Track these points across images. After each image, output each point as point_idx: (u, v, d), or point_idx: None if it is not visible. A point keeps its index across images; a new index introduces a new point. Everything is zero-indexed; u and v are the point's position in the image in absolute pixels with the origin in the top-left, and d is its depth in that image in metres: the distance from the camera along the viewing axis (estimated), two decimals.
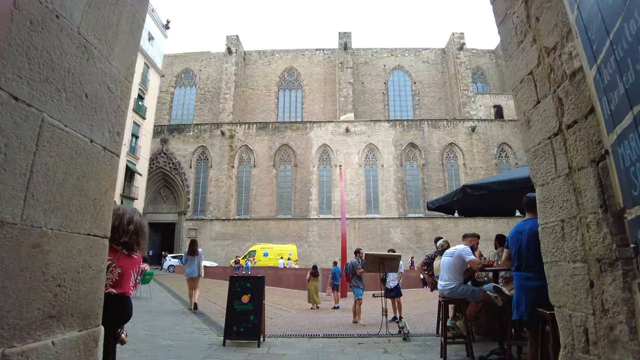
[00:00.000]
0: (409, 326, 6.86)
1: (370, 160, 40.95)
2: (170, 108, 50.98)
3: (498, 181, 5.70)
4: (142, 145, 33.47)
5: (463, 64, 47.02)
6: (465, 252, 5.16)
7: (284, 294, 22.41)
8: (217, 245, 38.68)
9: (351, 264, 9.47)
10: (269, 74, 50.76)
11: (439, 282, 5.42)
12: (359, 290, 9.26)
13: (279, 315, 11.06)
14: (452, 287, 5.11)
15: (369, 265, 7.13)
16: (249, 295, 6.15)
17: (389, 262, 7.21)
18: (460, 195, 5.87)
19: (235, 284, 6.28)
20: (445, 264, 5.30)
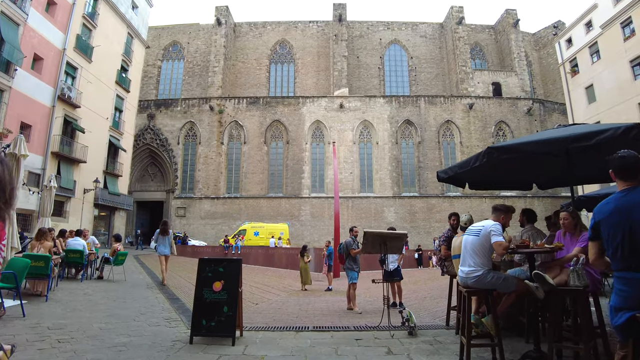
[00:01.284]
0: (408, 311, 5.80)
1: (364, 138, 39.66)
2: (158, 82, 48.99)
3: (533, 141, 4.53)
4: (126, 120, 31.87)
5: (462, 39, 45.42)
6: (495, 230, 4.03)
7: (275, 274, 21.48)
8: (207, 225, 37.56)
9: (345, 243, 8.35)
10: (260, 47, 48.74)
11: (460, 267, 4.31)
12: (353, 273, 8.17)
13: (265, 300, 10.01)
14: (479, 274, 3.99)
15: (369, 246, 5.97)
16: (222, 281, 5.00)
17: (393, 242, 6.06)
18: (484, 160, 4.70)
19: (205, 268, 5.13)
20: (468, 245, 4.18)
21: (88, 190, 26.17)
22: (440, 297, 10.60)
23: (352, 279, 8.08)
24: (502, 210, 4.44)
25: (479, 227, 4.23)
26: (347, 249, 8.22)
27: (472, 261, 4.07)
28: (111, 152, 30.34)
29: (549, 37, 50.90)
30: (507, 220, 4.42)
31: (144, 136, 39.78)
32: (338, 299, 10.39)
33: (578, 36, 34.46)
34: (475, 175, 6.38)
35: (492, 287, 4.02)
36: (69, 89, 24.56)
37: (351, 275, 8.12)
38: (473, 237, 4.17)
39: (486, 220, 4.36)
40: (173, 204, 38.57)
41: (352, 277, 8.10)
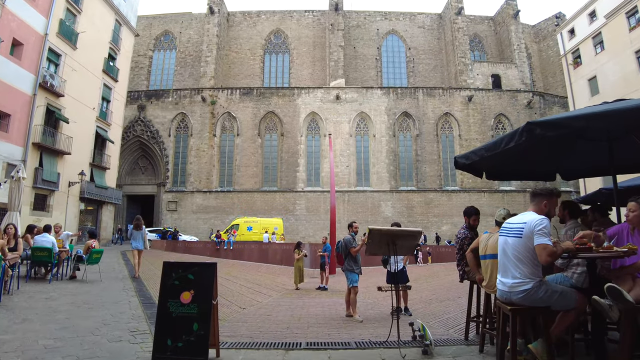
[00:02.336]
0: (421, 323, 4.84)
1: (361, 130, 38.64)
2: (149, 73, 47.65)
3: (586, 114, 3.55)
4: (114, 110, 30.63)
5: (461, 30, 44.37)
6: (541, 227, 3.07)
7: (268, 271, 20.53)
8: (199, 219, 36.50)
9: (344, 241, 7.37)
10: (254, 37, 47.42)
11: (499, 277, 3.34)
12: (353, 275, 7.19)
13: (254, 303, 9.02)
14: (527, 288, 3.04)
15: (374, 246, 4.98)
16: (191, 291, 4.00)
17: (404, 242, 5.06)
18: (522, 139, 3.74)
19: (171, 275, 4.12)
20: (509, 250, 3.22)
21: (73, 183, 25.02)
22: (447, 299, 9.68)
23: (352, 281, 7.10)
24: (543, 195, 3.46)
25: (520, 224, 3.25)
26: (346, 247, 7.24)
27: (517, 271, 3.11)
28: (98, 144, 29.14)
29: (549, 29, 49.99)
30: (551, 208, 3.45)
31: (134, 128, 38.58)
32: (335, 302, 9.43)
33: (581, 27, 33.54)
34: (495, 161, 5.41)
35: (545, 304, 3.05)
36: (52, 76, 23.32)
37: (351, 278, 7.14)
38: (514, 239, 3.20)
39: (527, 214, 3.38)
40: (164, 198, 37.46)
41: (352, 280, 7.12)
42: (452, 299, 9.60)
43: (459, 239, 5.33)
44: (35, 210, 22.45)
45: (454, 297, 9.80)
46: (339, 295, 10.91)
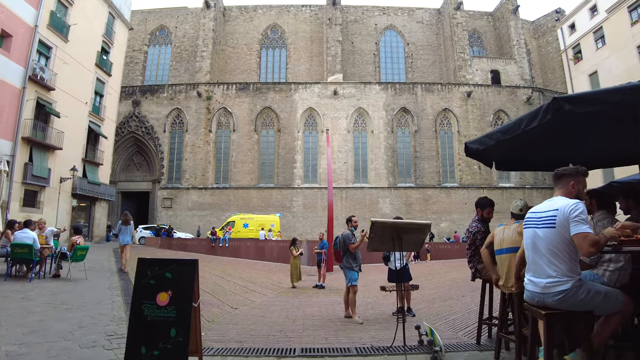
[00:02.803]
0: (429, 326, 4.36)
1: (359, 126, 38.11)
2: (144, 68, 46.94)
3: (627, 87, 3.06)
4: (107, 105, 30.01)
5: (460, 25, 43.83)
6: (578, 213, 2.59)
7: (264, 269, 20.05)
8: (194, 216, 35.94)
9: (342, 237, 6.88)
10: (251, 31, 46.74)
11: (527, 276, 2.85)
12: (353, 273, 6.70)
13: (247, 302, 8.53)
14: (565, 288, 2.56)
15: (377, 241, 4.47)
16: (169, 292, 3.50)
17: (411, 236, 4.55)
18: (548, 117, 3.26)
19: (147, 272, 3.61)
20: (541, 243, 2.74)
21: (65, 179, 24.42)
22: (450, 297, 9.21)
23: (351, 280, 6.62)
24: (569, 175, 2.96)
25: (550, 212, 2.75)
26: (344, 243, 6.75)
27: (552, 268, 2.62)
28: (91, 139, 28.54)
29: (548, 24, 49.53)
30: (580, 189, 2.95)
31: (129, 124, 37.93)
32: (332, 301, 8.95)
33: (582, 21, 33.15)
34: (508, 148, 4.93)
35: (587, 307, 2.57)
36: (42, 69, 22.70)
37: (350, 276, 6.65)
38: (546, 230, 2.71)
39: (557, 199, 2.87)
40: (159, 195, 36.87)
41: (351, 278, 6.63)
42: (455, 297, 9.14)
43: (471, 232, 4.85)
44: (25, 207, 21.86)
45: (457, 296, 9.35)
46: (336, 294, 10.44)
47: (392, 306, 7.97)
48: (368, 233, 4.43)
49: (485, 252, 4.17)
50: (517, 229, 3.77)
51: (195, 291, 3.58)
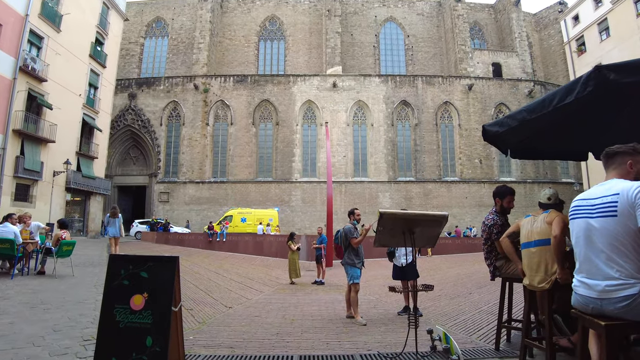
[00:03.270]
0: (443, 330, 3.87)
1: (359, 119, 37.54)
2: (140, 61, 46.20)
3: None
4: (102, 97, 29.41)
5: (461, 17, 43.17)
6: None
7: (262, 264, 19.60)
8: (192, 210, 35.42)
9: (344, 231, 6.37)
10: (249, 23, 45.98)
11: (577, 277, 2.37)
12: (355, 270, 6.21)
13: (243, 300, 8.05)
14: (632, 293, 2.06)
15: (386, 235, 3.96)
16: (144, 295, 3.01)
17: (425, 229, 4.05)
18: (589, 88, 2.76)
19: (120, 272, 3.11)
20: (596, 234, 2.24)
21: (58, 172, 23.86)
22: (457, 295, 8.74)
23: (353, 277, 6.13)
24: (625, 153, 2.42)
25: (609, 197, 2.24)
26: (346, 238, 6.25)
27: (614, 267, 2.13)
28: (85, 132, 27.96)
29: (550, 17, 48.89)
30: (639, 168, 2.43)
31: (125, 117, 37.30)
32: (333, 299, 8.48)
33: (586, 13, 32.53)
34: (529, 132, 4.40)
35: None
36: (34, 60, 22.09)
37: (352, 273, 6.17)
38: (604, 220, 2.21)
39: (614, 182, 2.36)
40: (156, 189, 36.32)
41: (353, 276, 6.14)
42: (462, 295, 8.68)
43: (487, 226, 4.36)
44: (16, 201, 21.33)
45: (464, 294, 8.89)
46: (337, 291, 9.98)
47: (396, 304, 7.50)
48: (374, 226, 3.92)
49: (506, 241, 3.71)
50: (545, 219, 3.31)
51: (176, 293, 3.10)
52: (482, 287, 9.62)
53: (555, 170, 38.37)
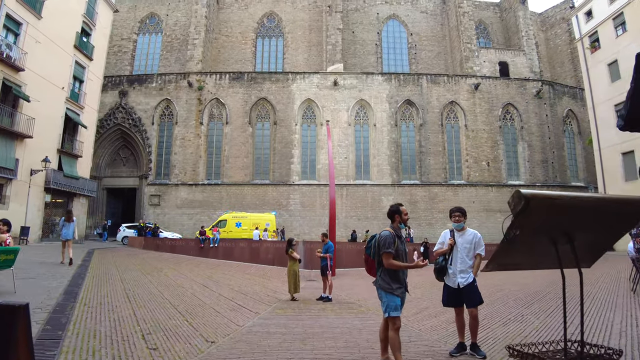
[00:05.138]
0: None
1: (361, 119, 35.74)
2: (133, 58, 44.34)
3: None
4: (88, 92, 27.55)
5: (466, 15, 41.59)
6: None
7: (258, 273, 17.65)
8: (184, 214, 33.44)
9: (382, 239, 4.36)
10: (246, 20, 44.22)
11: None
12: (392, 298, 4.25)
13: (230, 330, 6.12)
14: None
15: (522, 246, 2.07)
16: None
17: (601, 230, 2.17)
18: None
19: None
20: None
21: (36, 171, 21.88)
22: (507, 316, 6.84)
23: (389, 308, 4.20)
24: None
25: None
26: (378, 249, 4.34)
27: None
28: (69, 129, 26.05)
29: (557, 16, 47.55)
30: None
31: (115, 115, 35.37)
32: (348, 326, 6.56)
33: (599, 8, 30.93)
34: None
35: None
36: (9, 47, 20.24)
37: (388, 302, 4.23)
38: None
39: None
40: (146, 192, 34.32)
41: (389, 306, 4.20)
42: (513, 316, 6.80)
43: None
44: None
45: (514, 314, 7.00)
46: (349, 312, 8.08)
47: (438, 334, 5.62)
48: (509, 226, 2.03)
49: None
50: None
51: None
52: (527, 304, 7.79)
53: (564, 174, 36.68)
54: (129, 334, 5.22)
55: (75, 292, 7.89)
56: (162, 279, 12.00)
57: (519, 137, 36.42)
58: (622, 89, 28.07)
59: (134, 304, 7.34)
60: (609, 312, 7.01)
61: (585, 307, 6.34)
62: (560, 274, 2.64)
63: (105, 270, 12.15)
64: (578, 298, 2.56)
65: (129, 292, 8.78)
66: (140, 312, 6.77)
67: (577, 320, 6.25)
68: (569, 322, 6.06)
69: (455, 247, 5.03)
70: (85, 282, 9.23)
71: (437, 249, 5.30)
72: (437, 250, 5.30)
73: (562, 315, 6.77)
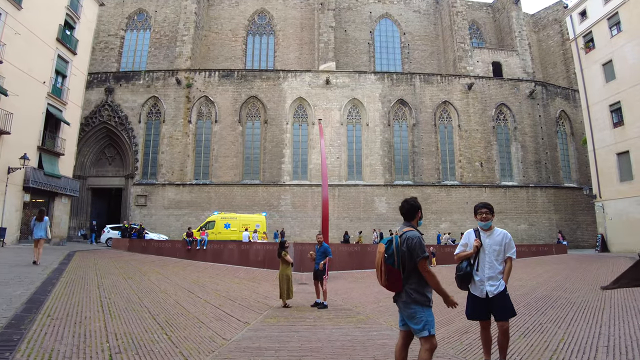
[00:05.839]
0: None
1: (353, 118, 35.10)
2: (120, 55, 43.15)
3: None
4: (72, 87, 26.48)
5: (460, 14, 41.22)
6: None
7: (247, 276, 16.92)
8: (171, 215, 32.45)
9: (416, 240, 3.53)
10: (237, 17, 43.32)
11: None
12: (427, 312, 3.49)
13: (215, 344, 5.36)
14: None
15: None
16: None
17: None
18: None
19: None
20: None
21: (13, 169, 20.81)
22: (537, 324, 6.16)
23: (430, 325, 3.44)
24: None
25: None
26: (409, 255, 3.52)
27: None
28: (51, 125, 24.96)
29: (549, 18, 47.47)
30: None
31: (101, 113, 34.28)
32: (350, 338, 5.83)
33: (594, 8, 30.70)
34: None
35: None
36: None
37: (423, 317, 3.44)
38: None
39: None
40: (132, 192, 33.26)
41: (430, 322, 3.45)
42: (544, 325, 6.12)
43: None
44: None
45: (543, 321, 6.33)
46: (347, 320, 7.35)
47: (453, 348, 4.91)
48: None
49: None
50: None
51: None
52: (541, 311, 7.14)
53: (557, 175, 36.43)
54: (93, 354, 4.43)
55: (42, 300, 7.04)
56: (144, 284, 11.16)
57: (512, 137, 36.09)
58: (617, 89, 27.87)
59: (107, 315, 6.53)
60: None
61: None
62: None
63: (82, 275, 11.28)
64: (594, 304, 1.88)
65: (105, 299, 7.96)
66: (113, 324, 5.97)
67: (604, 329, 5.63)
68: (595, 332, 5.41)
69: (482, 249, 4.31)
70: (55, 289, 8.36)
71: (460, 252, 4.52)
72: (460, 253, 4.50)
73: (586, 324, 6.12)
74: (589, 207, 32.89)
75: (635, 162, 26.11)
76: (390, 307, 8.90)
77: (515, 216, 34.40)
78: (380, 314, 8.21)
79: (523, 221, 34.19)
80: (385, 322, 7.22)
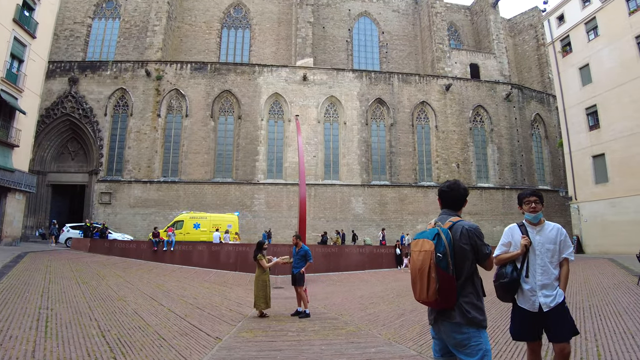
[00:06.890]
0: None
1: (330, 116, 34.21)
2: (86, 44, 40.83)
3: None
4: (29, 74, 24.43)
5: (439, 15, 41.04)
6: None
7: (218, 281, 15.67)
8: (137, 214, 30.67)
9: (475, 229, 2.68)
10: (211, 9, 41.69)
11: None
12: (483, 334, 2.52)
13: None
14: None
15: None
16: None
17: None
18: None
19: None
20: None
21: None
22: None
23: (485, 355, 2.45)
24: None
25: None
26: (473, 251, 2.58)
27: None
28: (4, 114, 22.92)
29: (525, 23, 48.06)
30: None
31: (63, 104, 32.12)
32: (346, 356, 4.83)
33: (572, 12, 30.91)
34: None
35: None
36: None
37: (485, 344, 2.48)
38: None
39: None
40: (96, 189, 31.29)
41: (489, 349, 2.47)
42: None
43: None
44: None
45: None
46: (336, 332, 6.34)
47: None
48: None
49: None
50: None
51: None
52: None
53: (532, 177, 36.68)
54: None
55: None
56: (100, 289, 9.85)
57: (489, 139, 36.07)
58: (593, 93, 28.05)
59: (41, 332, 5.30)
60: None
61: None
62: None
63: (26, 280, 9.84)
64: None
65: (45, 311, 6.68)
66: (46, 346, 4.77)
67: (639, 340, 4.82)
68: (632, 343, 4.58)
69: (532, 249, 3.30)
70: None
71: (501, 253, 3.42)
72: (502, 254, 3.41)
73: (618, 335, 5.32)
74: (563, 209, 33.13)
75: (611, 164, 26.29)
76: (380, 314, 8.00)
77: (491, 218, 34.33)
78: (372, 323, 7.26)
79: (499, 222, 34.09)
80: (380, 335, 6.27)
